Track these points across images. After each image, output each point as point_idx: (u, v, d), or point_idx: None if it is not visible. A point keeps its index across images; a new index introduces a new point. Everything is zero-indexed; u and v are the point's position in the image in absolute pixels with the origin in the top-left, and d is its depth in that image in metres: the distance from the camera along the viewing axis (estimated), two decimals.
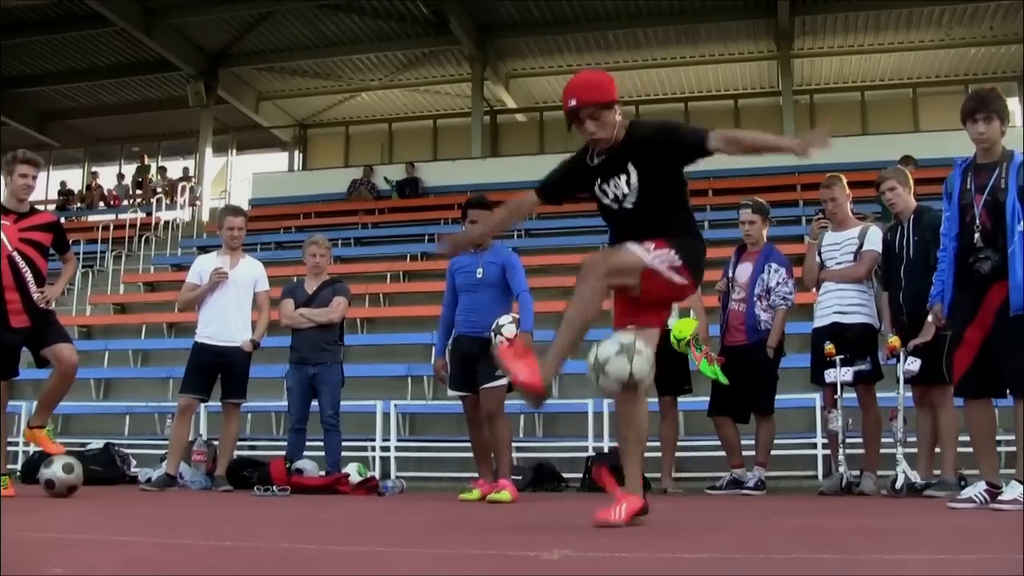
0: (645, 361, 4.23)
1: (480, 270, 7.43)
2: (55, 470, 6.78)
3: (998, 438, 9.79)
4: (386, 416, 11.12)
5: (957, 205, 5.84)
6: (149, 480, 8.65)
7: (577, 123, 4.55)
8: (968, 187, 5.81)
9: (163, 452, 9.15)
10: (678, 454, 9.12)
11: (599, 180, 4.63)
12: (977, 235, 5.70)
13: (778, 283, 8.23)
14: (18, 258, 7.04)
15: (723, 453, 8.63)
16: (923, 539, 4.14)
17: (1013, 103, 22.72)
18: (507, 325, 7.14)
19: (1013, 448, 9.76)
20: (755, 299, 8.24)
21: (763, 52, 23.13)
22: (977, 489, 5.76)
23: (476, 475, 7.68)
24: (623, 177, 4.55)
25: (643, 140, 4.57)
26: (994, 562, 3.17)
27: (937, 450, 7.34)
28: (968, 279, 5.77)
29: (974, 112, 5.80)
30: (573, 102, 4.49)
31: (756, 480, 8.16)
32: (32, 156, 7.34)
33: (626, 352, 4.20)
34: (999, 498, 5.48)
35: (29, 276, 7.06)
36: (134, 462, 10.20)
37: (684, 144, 4.53)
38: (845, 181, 8.15)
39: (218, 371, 8.76)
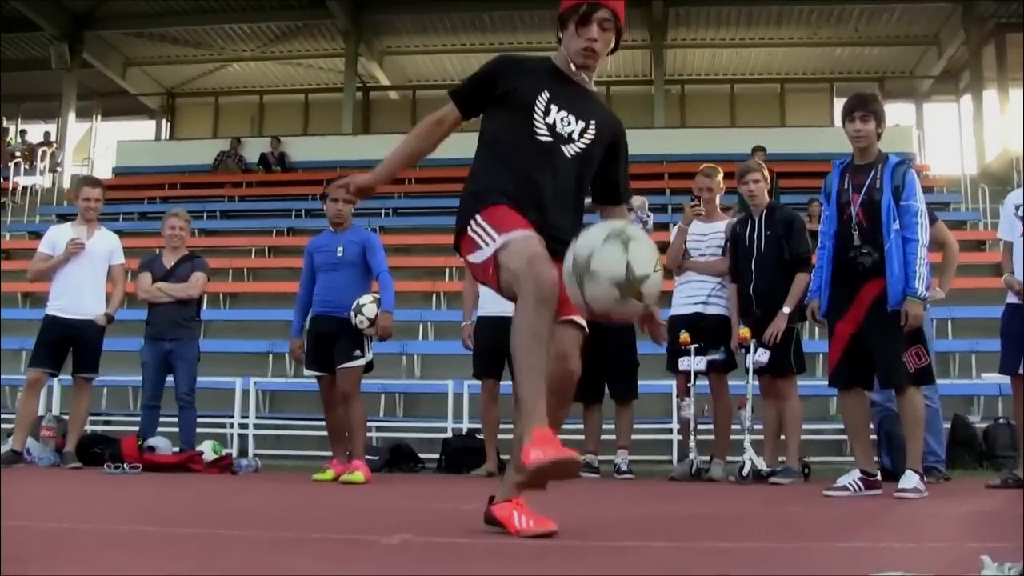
0: (647, 248, 3.26)
1: (340, 249, 7.41)
2: None
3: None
4: (245, 393, 11.03)
5: (836, 203, 6.00)
6: None
7: (585, 21, 3.61)
8: (846, 186, 5.98)
9: (10, 427, 8.91)
10: None
11: (549, 97, 3.68)
12: (856, 233, 5.88)
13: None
14: None
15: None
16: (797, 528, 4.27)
17: None
18: (368, 304, 7.15)
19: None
20: None
21: (637, 41, 23.34)
22: (851, 477, 5.93)
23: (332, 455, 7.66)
24: (580, 123, 3.68)
25: (613, 120, 3.83)
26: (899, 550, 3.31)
27: (782, 438, 7.56)
28: (844, 275, 5.94)
29: (853, 110, 5.99)
30: None
31: (627, 464, 8.32)
32: None
33: (618, 237, 3.23)
34: (900, 487, 5.59)
35: None
36: None
37: (624, 170, 3.87)
38: (722, 174, 8.26)
39: (70, 345, 8.55)
